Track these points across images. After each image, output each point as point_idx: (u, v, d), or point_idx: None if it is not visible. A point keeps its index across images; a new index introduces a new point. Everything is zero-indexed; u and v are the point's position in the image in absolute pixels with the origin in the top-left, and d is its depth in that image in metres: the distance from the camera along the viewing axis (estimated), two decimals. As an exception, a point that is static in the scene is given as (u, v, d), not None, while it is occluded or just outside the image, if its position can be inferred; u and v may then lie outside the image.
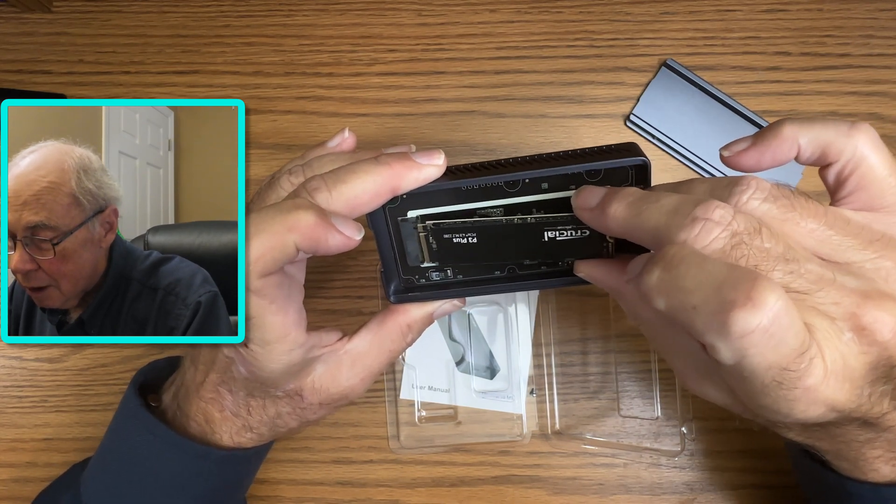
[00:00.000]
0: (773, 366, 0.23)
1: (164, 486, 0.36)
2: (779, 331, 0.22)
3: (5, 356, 0.49)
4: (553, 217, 0.30)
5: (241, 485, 0.40)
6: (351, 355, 0.33)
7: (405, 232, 0.32)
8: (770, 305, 0.21)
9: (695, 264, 0.23)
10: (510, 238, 0.31)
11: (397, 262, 0.33)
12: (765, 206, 0.26)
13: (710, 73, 0.49)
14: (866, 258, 0.26)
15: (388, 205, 0.31)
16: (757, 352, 0.22)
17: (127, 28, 0.51)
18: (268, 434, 0.36)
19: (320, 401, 0.33)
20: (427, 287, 0.33)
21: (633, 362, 0.48)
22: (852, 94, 0.49)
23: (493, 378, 0.48)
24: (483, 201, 0.31)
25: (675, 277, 0.24)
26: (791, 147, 0.29)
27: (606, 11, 0.50)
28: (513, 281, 0.33)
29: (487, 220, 0.31)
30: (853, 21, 0.49)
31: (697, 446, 0.47)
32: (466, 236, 0.31)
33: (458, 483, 0.48)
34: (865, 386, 0.26)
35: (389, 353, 0.34)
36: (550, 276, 0.33)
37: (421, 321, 0.34)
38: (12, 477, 0.48)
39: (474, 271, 0.33)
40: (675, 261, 0.24)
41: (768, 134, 0.29)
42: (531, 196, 0.31)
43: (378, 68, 0.50)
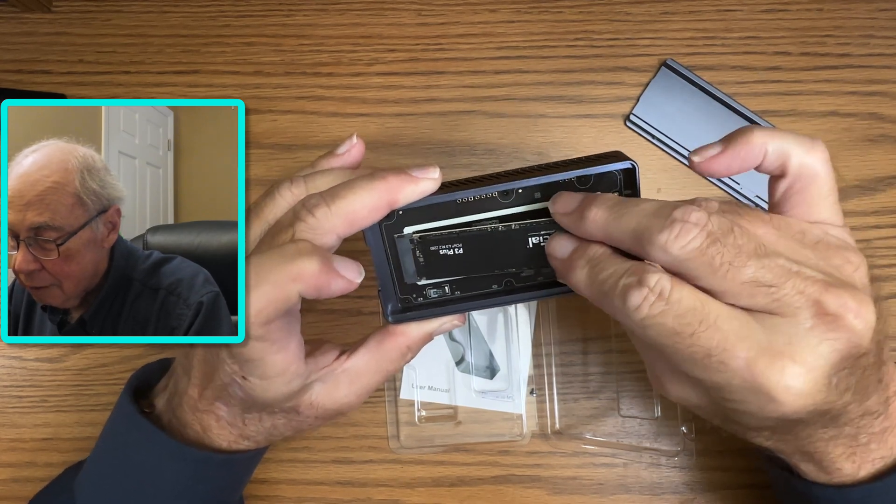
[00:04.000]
0: (675, 332, 0.26)
1: (162, 492, 0.36)
2: (666, 302, 0.26)
3: (5, 356, 0.49)
4: (535, 222, 0.30)
5: (240, 485, 0.40)
6: (349, 374, 0.33)
7: (401, 249, 0.32)
8: (653, 283, 0.26)
9: (609, 263, 0.28)
10: (496, 246, 0.31)
11: (394, 280, 0.33)
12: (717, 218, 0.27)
13: (710, 73, 0.49)
14: (817, 257, 0.28)
15: (384, 221, 0.31)
16: (654, 322, 0.26)
17: (127, 28, 0.51)
18: (264, 441, 0.36)
19: (316, 415, 0.34)
20: (425, 306, 0.33)
21: (633, 362, 0.48)
22: (852, 94, 0.49)
23: (493, 378, 0.48)
24: (478, 214, 0.31)
25: (596, 273, 0.28)
26: (758, 154, 0.30)
27: (606, 11, 0.50)
28: (510, 294, 0.33)
29: (471, 229, 0.31)
30: (853, 21, 0.49)
31: (697, 446, 0.47)
32: (452, 247, 0.31)
33: (458, 483, 0.48)
34: (833, 376, 0.27)
35: (387, 372, 0.34)
36: (546, 287, 0.32)
37: (419, 341, 0.34)
38: (12, 477, 0.48)
39: (471, 287, 0.33)
40: (595, 260, 0.28)
41: (738, 139, 0.30)
42: (525, 206, 0.31)
43: (378, 68, 0.50)
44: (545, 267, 0.31)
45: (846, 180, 0.48)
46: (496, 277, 0.33)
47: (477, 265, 0.32)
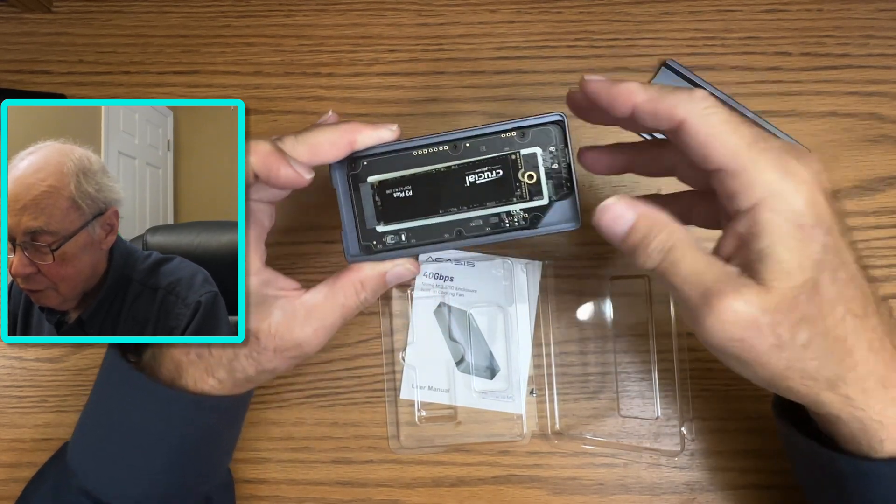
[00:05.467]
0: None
1: (139, 435, 0.37)
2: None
3: (5, 356, 0.49)
4: (471, 161, 0.35)
5: (220, 441, 0.41)
6: (306, 306, 0.35)
7: (364, 194, 0.36)
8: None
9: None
10: (439, 186, 0.36)
11: (357, 225, 0.37)
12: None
13: (710, 73, 0.49)
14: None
15: (350, 171, 0.36)
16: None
17: (127, 28, 0.51)
18: (227, 379, 0.37)
19: (275, 346, 0.35)
20: (382, 251, 0.37)
21: (633, 362, 0.48)
22: (852, 94, 0.49)
23: (492, 378, 0.48)
24: (432, 166, 0.36)
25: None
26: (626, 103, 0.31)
27: (606, 12, 0.50)
28: (459, 240, 0.36)
29: (417, 171, 0.36)
30: (853, 21, 0.49)
31: (697, 446, 0.47)
32: (404, 189, 0.36)
33: (458, 483, 0.48)
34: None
35: (343, 308, 0.36)
36: (492, 234, 0.36)
37: (374, 279, 0.36)
38: (12, 477, 0.48)
39: (425, 236, 0.37)
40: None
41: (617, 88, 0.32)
42: (472, 159, 0.36)
43: (378, 68, 0.50)
44: (481, 206, 0.36)
45: (846, 180, 0.48)
46: (447, 226, 0.36)
47: (425, 205, 0.36)
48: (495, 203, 0.36)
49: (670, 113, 0.30)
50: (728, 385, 0.47)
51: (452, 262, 0.48)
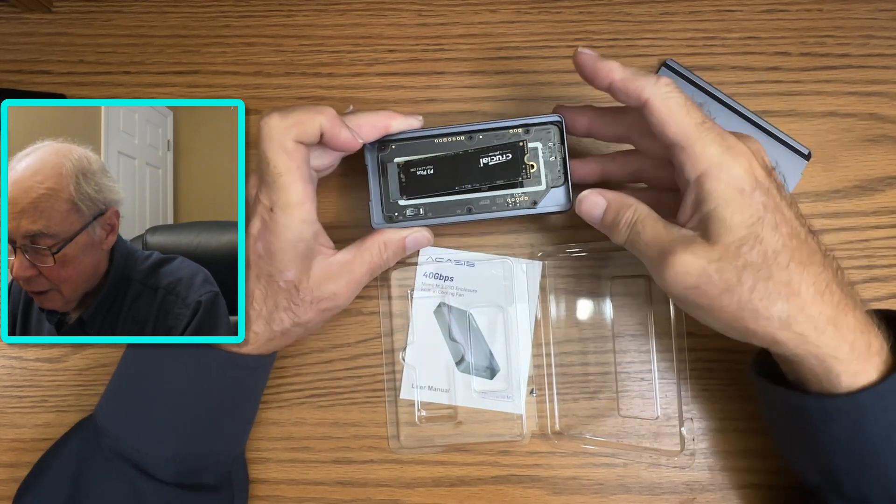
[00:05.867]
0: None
1: (173, 393, 0.39)
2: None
3: (5, 356, 0.49)
4: (486, 146, 0.42)
5: (245, 402, 0.43)
6: (339, 263, 0.40)
7: (390, 172, 0.43)
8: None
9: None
10: (457, 167, 0.42)
11: (382, 198, 0.43)
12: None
13: (710, 73, 0.49)
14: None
15: (380, 153, 0.43)
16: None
17: (127, 28, 0.51)
18: (263, 333, 0.39)
19: (312, 298, 0.39)
20: (402, 220, 0.43)
21: (633, 362, 0.48)
22: (852, 94, 0.49)
23: (492, 378, 0.48)
24: (451, 151, 0.42)
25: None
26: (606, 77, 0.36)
27: (606, 11, 0.50)
28: (469, 215, 0.42)
29: (439, 154, 0.42)
30: (853, 21, 0.49)
31: (697, 446, 0.47)
32: (426, 168, 0.42)
33: (458, 483, 0.48)
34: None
35: (370, 264, 0.41)
36: (497, 212, 0.42)
37: (395, 242, 0.41)
38: (12, 477, 0.48)
39: (441, 211, 0.43)
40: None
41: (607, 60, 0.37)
42: (485, 145, 0.42)
43: (378, 68, 0.50)
44: (492, 183, 0.42)
45: (846, 180, 0.48)
46: (460, 204, 0.43)
47: (444, 182, 0.42)
48: (504, 181, 0.42)
49: (638, 93, 0.35)
50: (728, 385, 0.47)
51: (452, 262, 0.48)
